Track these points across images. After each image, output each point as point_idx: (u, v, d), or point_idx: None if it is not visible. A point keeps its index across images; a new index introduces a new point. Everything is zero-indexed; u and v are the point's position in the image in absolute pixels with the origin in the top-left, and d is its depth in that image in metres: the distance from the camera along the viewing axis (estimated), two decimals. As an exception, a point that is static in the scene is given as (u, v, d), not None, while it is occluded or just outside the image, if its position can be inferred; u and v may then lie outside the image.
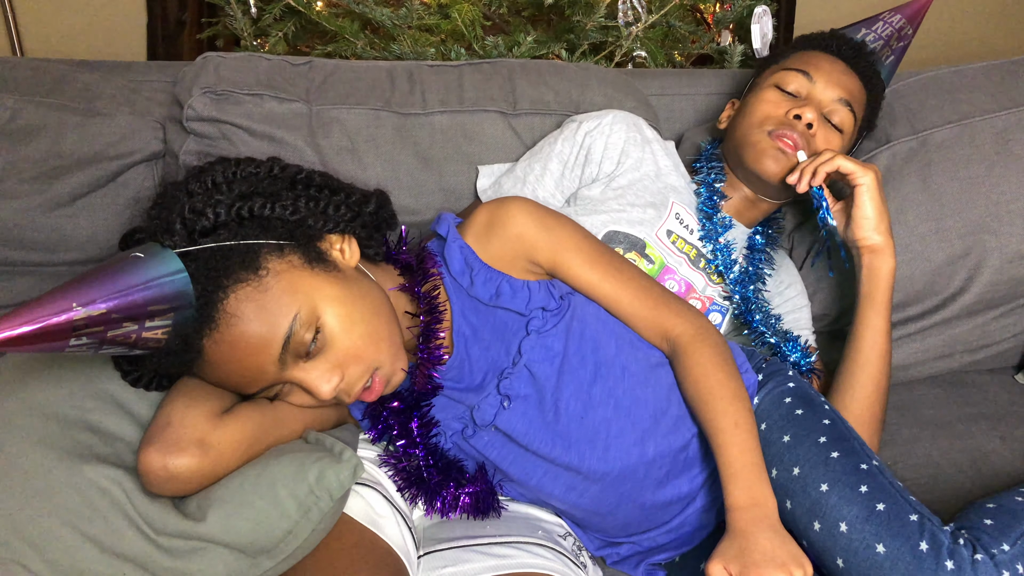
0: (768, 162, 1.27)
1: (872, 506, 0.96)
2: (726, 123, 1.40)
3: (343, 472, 0.91)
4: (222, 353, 0.87)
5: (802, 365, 1.29)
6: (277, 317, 0.87)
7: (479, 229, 1.07)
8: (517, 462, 1.06)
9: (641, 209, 1.27)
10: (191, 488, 0.90)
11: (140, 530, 0.86)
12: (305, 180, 1.02)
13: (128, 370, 0.96)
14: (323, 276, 0.93)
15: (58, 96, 1.39)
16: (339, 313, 0.91)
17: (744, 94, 1.40)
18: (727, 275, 1.29)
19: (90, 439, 0.91)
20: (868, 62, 1.35)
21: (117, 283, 0.79)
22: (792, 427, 1.07)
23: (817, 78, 1.30)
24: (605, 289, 1.08)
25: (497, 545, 1.02)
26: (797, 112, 1.27)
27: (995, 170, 1.42)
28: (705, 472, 1.10)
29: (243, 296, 0.86)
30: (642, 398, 1.07)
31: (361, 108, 1.38)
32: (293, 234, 0.94)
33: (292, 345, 0.88)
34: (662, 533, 1.12)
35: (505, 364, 1.05)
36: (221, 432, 0.91)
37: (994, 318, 1.48)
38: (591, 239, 1.10)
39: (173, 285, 0.83)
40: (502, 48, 1.84)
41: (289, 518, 0.89)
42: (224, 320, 0.86)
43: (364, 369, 0.93)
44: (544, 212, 1.08)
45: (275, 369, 0.89)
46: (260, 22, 2.07)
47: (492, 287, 1.05)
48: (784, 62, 1.35)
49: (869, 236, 1.22)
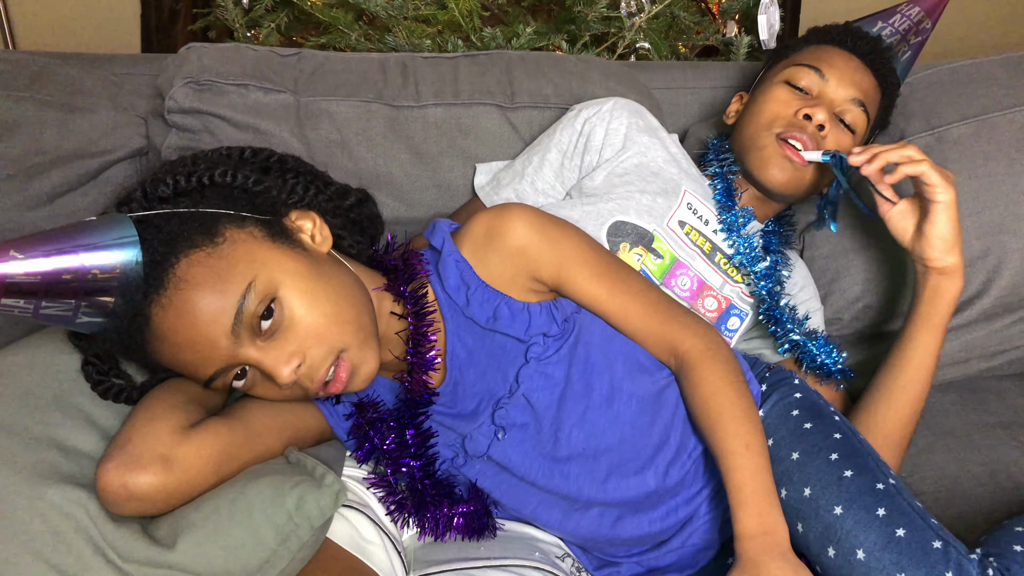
0: (773, 170, 1.22)
1: (891, 532, 0.90)
2: (734, 118, 1.35)
3: (324, 498, 0.85)
4: (171, 322, 0.82)
5: (829, 366, 1.23)
6: (230, 284, 0.82)
7: (477, 242, 1.00)
8: (511, 491, 1.01)
9: (650, 197, 1.21)
10: (155, 508, 0.84)
11: (106, 557, 0.80)
12: (278, 161, 1.00)
13: (98, 379, 0.91)
14: (286, 251, 0.88)
15: (37, 90, 1.33)
16: (300, 288, 0.86)
17: (752, 88, 1.35)
18: (752, 268, 1.23)
19: (55, 457, 0.85)
20: (884, 59, 1.29)
21: (62, 240, 0.78)
22: (801, 443, 1.01)
23: (830, 75, 1.24)
24: (613, 305, 1.03)
25: (492, 569, 0.96)
26: (808, 112, 1.21)
27: (1015, 167, 1.37)
28: (706, 491, 1.06)
29: (195, 261, 0.82)
30: (647, 427, 1.02)
31: (352, 100, 1.33)
32: (256, 206, 0.90)
33: (246, 317, 0.83)
34: (663, 554, 1.07)
35: (501, 392, 0.99)
36: (187, 447, 0.85)
37: (1013, 322, 1.42)
38: (597, 249, 1.04)
39: (121, 247, 0.81)
40: (500, 40, 1.79)
41: (266, 547, 0.83)
42: (173, 284, 0.81)
43: (327, 351, 0.86)
44: (547, 222, 1.01)
45: (228, 343, 0.83)
46: (252, 13, 2.05)
47: (489, 309, 0.99)
48: (795, 56, 1.29)
49: (942, 258, 1.14)
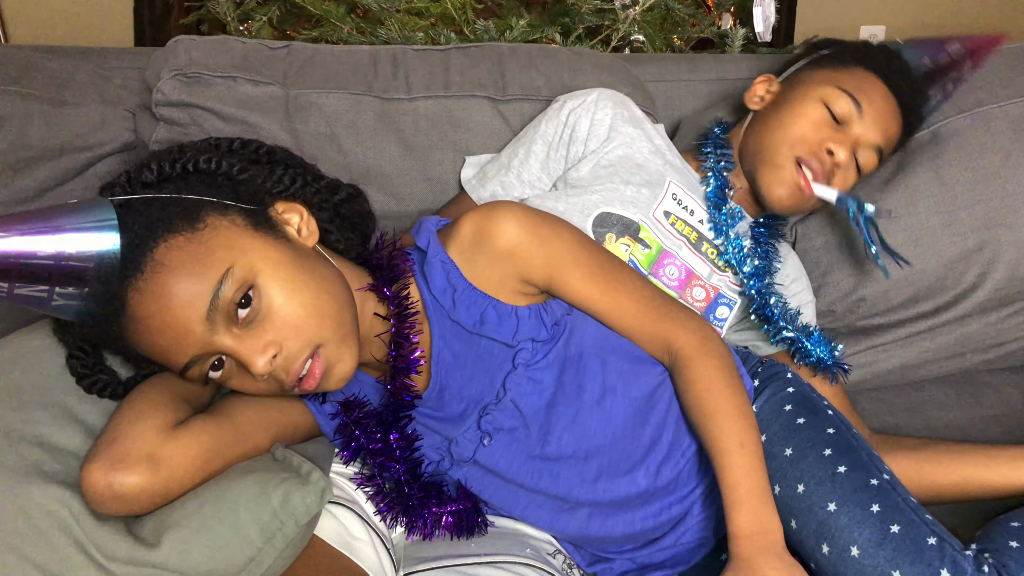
0: (782, 192, 1.22)
1: (886, 528, 0.89)
2: (759, 104, 1.31)
3: (309, 496, 0.84)
4: (146, 306, 0.81)
5: (826, 360, 1.22)
6: (207, 269, 0.81)
7: (464, 243, 0.98)
8: (499, 493, 1.00)
9: (635, 188, 1.20)
10: (141, 508, 0.83)
11: (89, 556, 0.79)
12: (267, 153, 0.99)
13: (83, 372, 0.90)
14: (268, 240, 0.87)
15: (24, 84, 1.31)
16: (279, 277, 0.85)
17: (783, 77, 1.32)
18: (740, 268, 1.23)
19: (38, 455, 0.84)
20: (919, 114, 1.28)
21: (40, 221, 0.79)
22: (794, 439, 1.00)
23: (866, 113, 1.21)
24: (607, 304, 1.01)
25: (482, 565, 0.95)
26: (832, 148, 1.20)
27: (1011, 160, 1.36)
28: (700, 489, 1.05)
29: (174, 245, 0.81)
30: (639, 426, 1.01)
31: (341, 92, 1.31)
32: (240, 194, 0.89)
33: (222, 304, 0.82)
34: (656, 551, 1.06)
35: (488, 398, 0.98)
36: (173, 446, 0.84)
37: (1008, 315, 1.42)
38: (589, 246, 1.02)
39: (99, 229, 0.81)
40: (493, 32, 1.78)
41: (251, 545, 0.82)
42: (150, 267, 0.81)
43: (304, 343, 0.85)
44: (537, 222, 0.98)
45: (203, 330, 0.82)
46: (244, 6, 2.03)
47: (477, 312, 0.97)
48: (840, 73, 1.25)
49: None
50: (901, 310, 1.40)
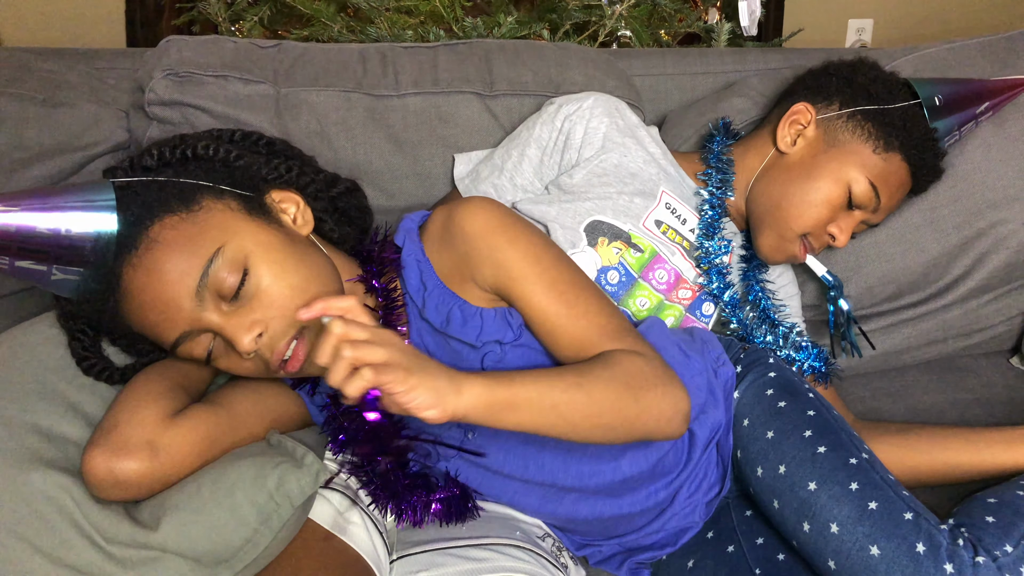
0: (778, 259, 1.27)
1: (864, 505, 0.91)
2: (791, 146, 1.26)
3: (304, 478, 0.86)
4: (140, 281, 0.85)
5: (819, 368, 1.25)
6: (199, 247, 0.85)
7: (435, 237, 0.99)
8: (486, 483, 1.02)
9: (628, 197, 1.21)
10: (140, 493, 0.86)
11: (90, 539, 0.81)
12: (266, 144, 1.02)
13: (83, 354, 0.93)
14: (261, 225, 0.90)
15: (18, 86, 1.33)
16: (269, 259, 0.87)
17: (822, 120, 1.25)
18: (721, 297, 1.23)
19: (38, 443, 0.86)
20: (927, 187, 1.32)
21: (42, 198, 0.84)
22: (776, 421, 1.02)
23: (882, 207, 1.24)
24: (560, 318, 0.94)
25: (473, 548, 0.97)
26: (834, 233, 1.23)
27: (992, 154, 1.37)
28: (685, 473, 1.06)
29: (169, 224, 0.85)
30: None
31: (331, 90, 1.33)
32: (237, 180, 0.92)
33: (211, 281, 0.84)
34: (643, 535, 1.08)
35: None
36: (173, 433, 0.86)
37: (988, 302, 1.44)
38: (558, 261, 0.97)
39: (98, 208, 0.85)
40: (482, 29, 1.80)
41: (248, 526, 0.85)
42: (145, 244, 0.84)
43: (289, 325, 0.87)
44: (507, 221, 0.95)
45: (192, 306, 0.85)
46: (235, 6, 2.04)
47: (443, 312, 0.97)
48: (876, 158, 1.21)
49: None
50: (885, 303, 1.43)
